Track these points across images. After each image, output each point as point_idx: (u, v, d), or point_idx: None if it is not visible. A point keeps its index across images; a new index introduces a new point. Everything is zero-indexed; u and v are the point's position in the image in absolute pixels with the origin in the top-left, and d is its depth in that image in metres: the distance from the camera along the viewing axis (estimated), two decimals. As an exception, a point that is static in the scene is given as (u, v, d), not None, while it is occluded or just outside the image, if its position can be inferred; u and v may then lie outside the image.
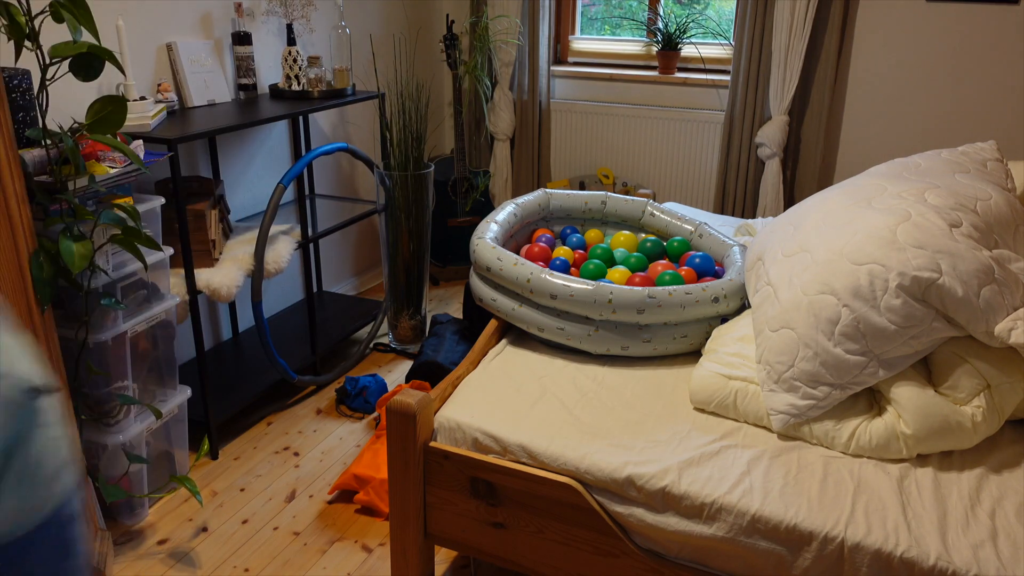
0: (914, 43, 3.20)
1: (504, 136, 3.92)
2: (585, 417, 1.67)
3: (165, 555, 2.05)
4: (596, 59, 3.94)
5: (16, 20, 1.56)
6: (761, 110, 3.39)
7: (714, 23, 3.69)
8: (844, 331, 1.55)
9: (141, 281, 2.08)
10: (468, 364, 1.89)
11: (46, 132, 1.69)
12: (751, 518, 1.41)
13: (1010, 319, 1.50)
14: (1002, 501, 1.43)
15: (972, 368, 1.55)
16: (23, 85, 1.79)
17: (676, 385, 1.81)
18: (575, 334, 1.88)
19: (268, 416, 2.72)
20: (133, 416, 2.08)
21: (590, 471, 1.53)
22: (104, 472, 2.03)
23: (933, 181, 1.79)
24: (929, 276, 1.51)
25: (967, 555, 1.31)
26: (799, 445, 1.59)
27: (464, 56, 3.93)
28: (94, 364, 1.94)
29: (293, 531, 2.15)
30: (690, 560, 1.50)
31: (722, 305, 1.90)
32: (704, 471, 1.50)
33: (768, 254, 1.82)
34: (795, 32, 3.21)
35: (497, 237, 2.10)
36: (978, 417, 1.53)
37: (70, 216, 1.71)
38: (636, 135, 3.77)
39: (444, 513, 1.71)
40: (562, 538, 1.59)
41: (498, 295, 1.99)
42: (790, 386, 1.59)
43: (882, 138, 3.37)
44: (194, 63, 2.60)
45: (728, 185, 3.54)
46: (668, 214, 2.37)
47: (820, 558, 1.38)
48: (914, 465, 1.53)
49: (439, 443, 1.68)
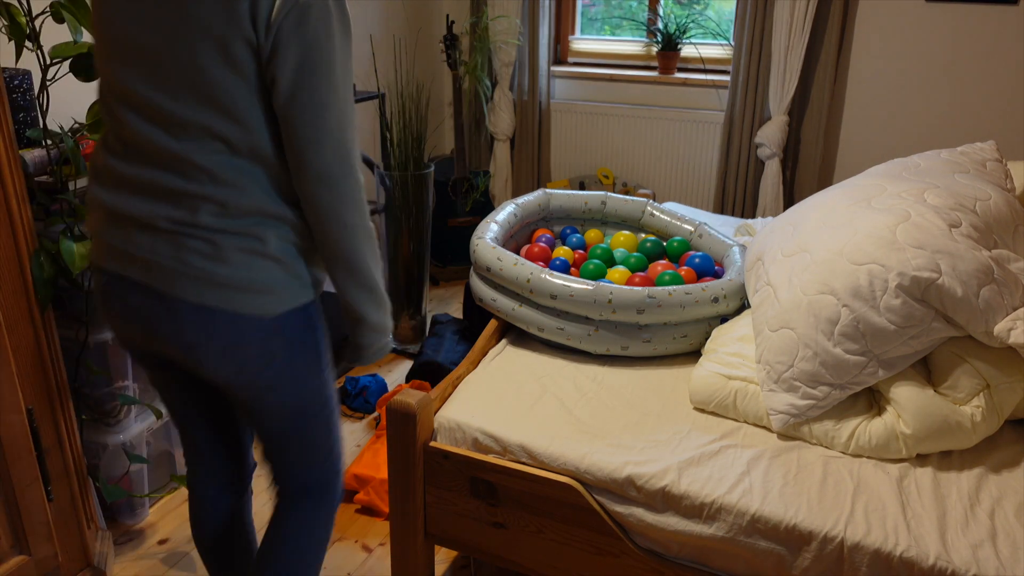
0: (914, 43, 3.20)
1: (504, 136, 3.92)
2: (585, 417, 1.67)
3: (165, 555, 2.05)
4: (596, 59, 3.94)
5: (17, 21, 1.56)
6: (761, 110, 3.39)
7: (714, 23, 3.69)
8: (844, 331, 1.55)
9: (141, 281, 2.09)
10: (468, 364, 1.89)
11: (47, 132, 1.69)
12: (751, 518, 1.41)
13: (1009, 319, 1.50)
14: (1002, 501, 1.43)
15: (972, 368, 1.55)
16: (24, 85, 1.79)
17: (676, 385, 1.81)
18: (575, 334, 1.88)
19: (268, 416, 2.72)
20: (133, 416, 2.09)
21: (590, 471, 1.53)
22: (104, 472, 2.03)
23: (933, 181, 1.79)
24: (929, 276, 1.51)
25: (966, 555, 1.31)
26: (799, 445, 1.59)
27: (464, 56, 3.94)
28: (94, 364, 1.94)
29: (293, 531, 2.15)
30: (690, 560, 1.51)
31: (722, 305, 1.90)
32: (704, 471, 1.50)
33: (768, 254, 1.83)
34: (795, 32, 3.21)
35: (497, 237, 2.10)
36: (977, 417, 1.53)
37: (70, 216, 1.72)
38: (636, 135, 3.77)
39: (444, 513, 1.71)
40: (562, 538, 1.59)
41: (498, 295, 1.99)
42: (790, 386, 1.60)
43: (882, 138, 3.38)
44: (194, 63, 2.59)
45: (728, 185, 3.54)
46: (668, 214, 2.37)
47: (820, 558, 1.38)
48: (914, 465, 1.53)
49: (439, 443, 1.68)
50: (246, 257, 1.20)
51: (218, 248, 1.19)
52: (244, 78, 1.14)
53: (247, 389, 1.28)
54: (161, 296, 1.21)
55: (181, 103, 1.15)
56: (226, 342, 1.22)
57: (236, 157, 1.18)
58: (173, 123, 1.16)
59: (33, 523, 1.65)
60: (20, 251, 1.55)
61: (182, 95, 1.15)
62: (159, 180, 1.18)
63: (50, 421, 1.66)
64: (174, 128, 1.17)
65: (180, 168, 1.18)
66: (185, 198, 1.18)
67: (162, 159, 1.18)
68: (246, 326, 1.22)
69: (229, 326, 1.22)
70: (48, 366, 1.64)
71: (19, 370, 1.57)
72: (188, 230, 1.19)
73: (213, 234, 1.19)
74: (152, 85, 1.16)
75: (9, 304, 1.54)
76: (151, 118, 1.18)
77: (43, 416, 1.65)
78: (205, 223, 1.18)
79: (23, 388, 1.59)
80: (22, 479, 1.61)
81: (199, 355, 1.23)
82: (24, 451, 1.60)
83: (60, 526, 1.72)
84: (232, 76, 1.13)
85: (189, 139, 1.16)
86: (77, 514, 1.76)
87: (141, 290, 1.22)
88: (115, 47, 1.18)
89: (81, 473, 1.79)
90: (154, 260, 1.20)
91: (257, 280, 1.21)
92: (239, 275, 1.20)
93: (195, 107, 1.15)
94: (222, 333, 1.22)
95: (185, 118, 1.16)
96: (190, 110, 1.15)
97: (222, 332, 1.22)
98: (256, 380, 1.27)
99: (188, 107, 1.15)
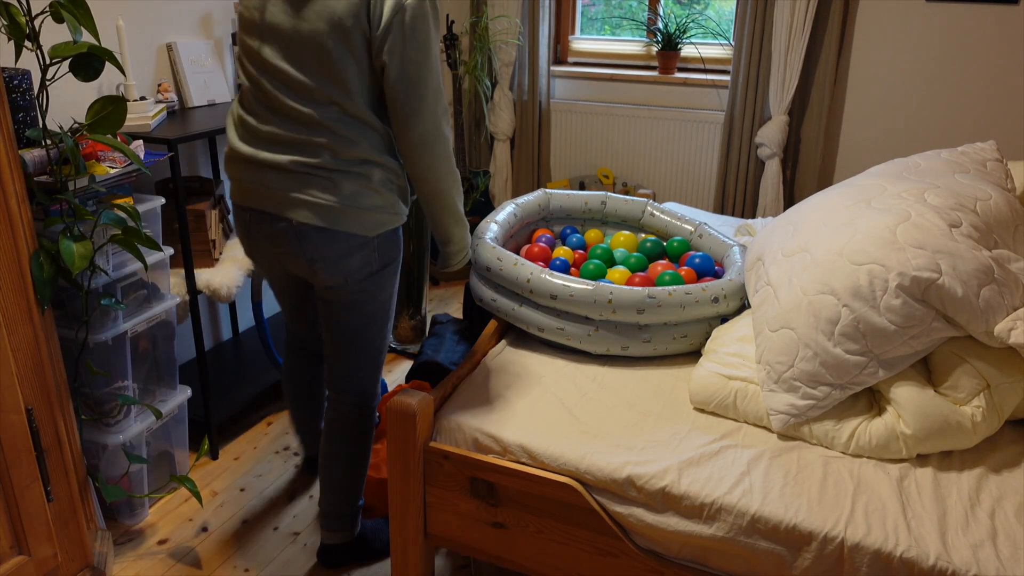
0: (914, 43, 3.20)
1: (504, 136, 3.92)
2: (585, 417, 1.67)
3: (165, 555, 2.05)
4: (596, 59, 3.94)
5: (16, 20, 1.56)
6: (761, 110, 3.39)
7: (714, 23, 3.69)
8: (844, 331, 1.55)
9: (141, 281, 2.09)
10: (468, 364, 1.89)
11: (46, 132, 1.69)
12: (751, 518, 1.41)
13: (1010, 319, 1.50)
14: (1002, 501, 1.43)
15: (972, 368, 1.55)
16: (23, 85, 1.79)
17: (676, 385, 1.81)
18: (575, 334, 1.88)
19: (268, 416, 2.72)
20: (133, 416, 2.08)
21: (590, 471, 1.53)
22: (104, 472, 2.03)
23: (933, 181, 1.79)
24: (929, 276, 1.51)
25: (967, 555, 1.31)
26: (799, 445, 1.59)
27: (464, 56, 3.93)
28: (94, 364, 1.94)
29: (293, 531, 2.15)
30: (690, 560, 1.51)
31: (722, 305, 1.90)
32: (704, 471, 1.50)
33: (768, 254, 1.83)
34: (795, 32, 3.21)
35: (497, 237, 2.10)
36: (978, 417, 1.53)
37: (70, 216, 1.72)
38: (636, 135, 3.77)
39: (444, 513, 1.71)
40: (562, 538, 1.59)
41: (498, 295, 1.99)
42: (790, 386, 1.59)
43: (882, 138, 3.37)
44: (194, 63, 2.60)
45: (728, 185, 3.54)
46: (668, 214, 2.37)
47: (820, 558, 1.38)
48: (914, 465, 1.53)
49: (439, 443, 1.68)
50: (356, 188, 1.62)
51: (334, 183, 1.61)
52: (357, 61, 1.56)
53: (348, 294, 1.73)
54: (290, 222, 1.64)
55: (308, 75, 1.57)
56: (338, 255, 1.66)
57: (347, 117, 1.59)
58: (302, 90, 1.58)
59: (33, 523, 1.65)
60: (20, 251, 1.55)
61: (309, 69, 1.57)
62: (289, 133, 1.60)
63: (50, 421, 1.66)
64: (302, 93, 1.58)
65: (306, 123, 1.59)
66: (308, 146, 1.60)
67: (291, 116, 1.60)
68: (353, 242, 1.66)
69: (341, 243, 1.65)
70: (48, 366, 1.64)
71: (19, 370, 1.57)
72: (311, 170, 1.61)
73: (330, 173, 1.61)
74: (288, 60, 1.58)
75: (9, 304, 1.53)
76: (286, 84, 1.59)
77: (43, 416, 1.64)
78: (324, 164, 1.60)
79: (23, 388, 1.58)
80: (22, 479, 1.61)
81: (317, 267, 1.68)
82: (24, 451, 1.60)
83: (60, 526, 1.72)
84: (349, 59, 1.55)
85: (313, 102, 1.58)
86: (77, 514, 1.76)
87: (274, 219, 1.66)
88: (264, 28, 1.60)
89: (81, 473, 1.79)
90: (285, 195, 1.62)
91: (364, 206, 1.64)
92: (349, 202, 1.62)
93: (318, 79, 1.57)
94: (336, 248, 1.65)
95: (311, 86, 1.57)
96: (315, 81, 1.57)
97: (336, 247, 1.65)
98: (355, 287, 1.72)
99: (313, 79, 1.57)
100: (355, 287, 1.72)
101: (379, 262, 1.72)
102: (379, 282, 1.75)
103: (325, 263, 1.67)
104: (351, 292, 1.72)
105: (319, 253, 1.66)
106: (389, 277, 1.77)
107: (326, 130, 1.59)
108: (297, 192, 1.61)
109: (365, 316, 1.78)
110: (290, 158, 1.60)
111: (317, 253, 1.65)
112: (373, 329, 1.81)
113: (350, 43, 1.54)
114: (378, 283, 1.75)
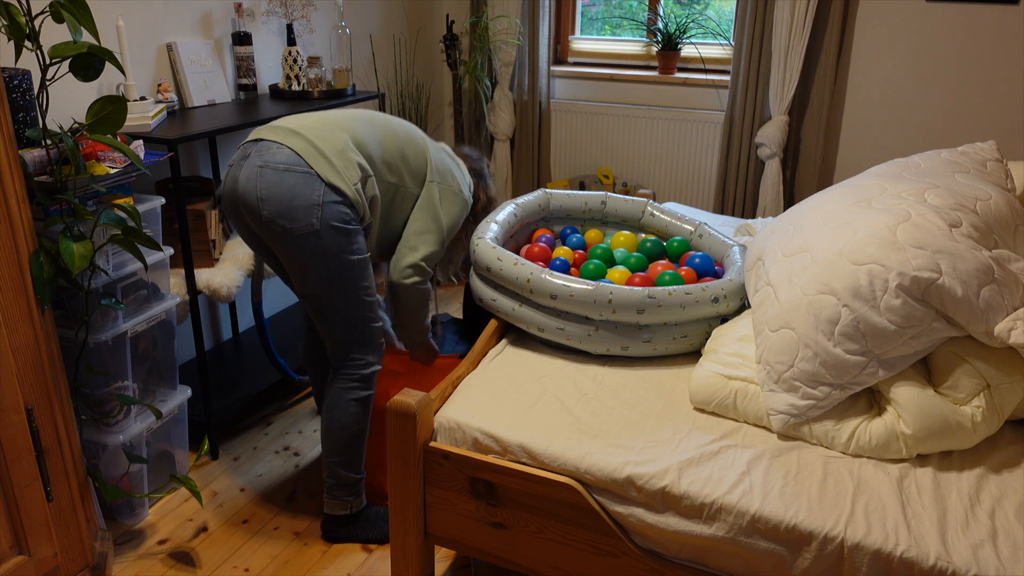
0: (914, 43, 3.20)
1: (504, 136, 3.92)
2: (585, 417, 1.67)
3: (165, 555, 2.05)
4: (596, 59, 3.94)
5: (16, 20, 1.56)
6: (761, 110, 3.39)
7: (714, 23, 3.69)
8: (844, 331, 1.55)
9: (141, 281, 2.08)
10: (468, 364, 1.89)
11: (46, 132, 1.69)
12: (751, 518, 1.41)
13: (1010, 319, 1.50)
14: (1002, 501, 1.43)
15: (972, 368, 1.55)
16: (23, 85, 1.79)
17: (676, 385, 1.81)
18: (575, 334, 1.88)
19: (268, 416, 2.72)
20: (133, 416, 2.08)
21: (590, 471, 1.53)
22: (104, 472, 2.03)
23: (933, 181, 1.79)
24: (929, 276, 1.51)
25: (967, 555, 1.31)
26: (799, 445, 1.59)
27: (464, 56, 3.93)
28: (94, 364, 1.94)
29: (293, 531, 2.15)
30: (690, 560, 1.50)
31: (722, 305, 1.90)
32: (704, 471, 1.50)
33: (768, 254, 1.83)
34: (795, 32, 3.21)
35: (497, 237, 2.10)
36: (978, 417, 1.53)
37: (70, 216, 1.71)
38: (636, 135, 3.77)
39: (444, 513, 1.71)
40: (562, 538, 1.59)
41: (498, 295, 1.99)
42: (790, 386, 1.59)
43: (882, 138, 3.37)
44: (194, 63, 2.60)
45: (728, 185, 3.54)
46: (668, 214, 2.37)
47: (820, 558, 1.38)
48: (914, 465, 1.53)
49: (439, 443, 1.68)
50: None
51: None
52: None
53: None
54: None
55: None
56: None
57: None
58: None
59: (33, 523, 1.65)
60: (19, 251, 1.55)
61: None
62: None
63: (50, 421, 1.66)
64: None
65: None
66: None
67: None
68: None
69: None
70: (48, 366, 1.64)
71: (19, 370, 1.57)
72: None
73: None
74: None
75: (9, 304, 1.53)
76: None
77: (43, 416, 1.64)
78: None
79: (23, 388, 1.58)
80: (22, 479, 1.61)
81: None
82: (24, 451, 1.60)
83: (60, 526, 1.72)
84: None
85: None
86: (77, 514, 1.76)
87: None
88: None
89: (80, 473, 1.79)
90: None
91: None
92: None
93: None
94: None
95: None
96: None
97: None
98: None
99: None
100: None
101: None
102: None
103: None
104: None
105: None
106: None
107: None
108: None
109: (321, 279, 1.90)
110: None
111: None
112: (336, 295, 1.90)
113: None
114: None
